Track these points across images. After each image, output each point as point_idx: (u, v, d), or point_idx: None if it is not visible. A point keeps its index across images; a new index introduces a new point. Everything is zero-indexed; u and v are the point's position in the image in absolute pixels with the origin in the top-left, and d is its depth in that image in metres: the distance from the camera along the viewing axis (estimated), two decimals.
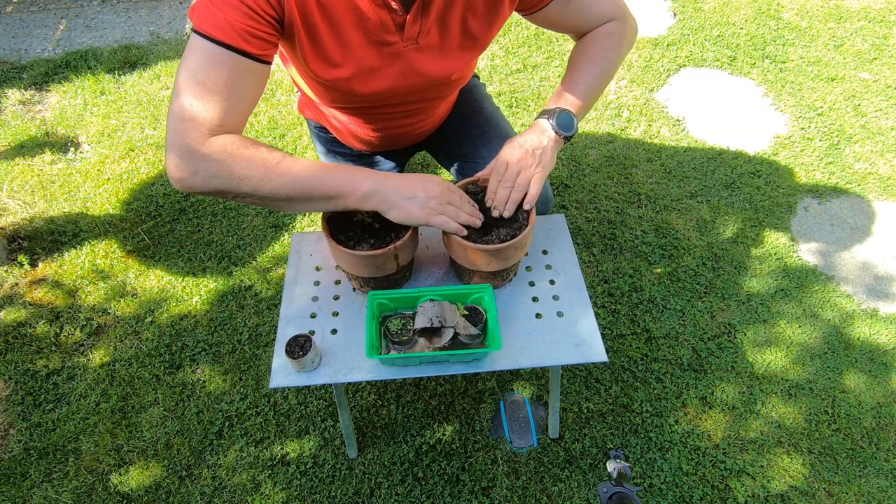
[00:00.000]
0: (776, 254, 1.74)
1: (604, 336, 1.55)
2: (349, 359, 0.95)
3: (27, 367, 1.52)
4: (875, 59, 2.34)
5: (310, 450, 1.37)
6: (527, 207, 0.93)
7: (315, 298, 1.03)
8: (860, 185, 1.92)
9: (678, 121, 2.15)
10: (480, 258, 0.91)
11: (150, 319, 1.61)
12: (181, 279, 1.70)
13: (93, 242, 1.79)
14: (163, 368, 1.51)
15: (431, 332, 0.93)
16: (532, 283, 1.05)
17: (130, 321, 1.61)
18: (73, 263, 1.74)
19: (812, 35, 2.47)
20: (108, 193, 1.93)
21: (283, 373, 0.93)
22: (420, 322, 0.90)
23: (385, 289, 0.98)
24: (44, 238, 1.81)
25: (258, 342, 1.56)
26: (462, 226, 0.88)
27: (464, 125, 1.25)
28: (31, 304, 1.65)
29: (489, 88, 2.27)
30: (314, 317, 1.01)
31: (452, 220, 0.86)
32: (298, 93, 1.26)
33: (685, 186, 1.93)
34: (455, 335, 0.92)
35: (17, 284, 1.69)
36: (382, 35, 0.84)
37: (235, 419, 1.42)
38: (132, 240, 1.81)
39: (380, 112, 1.04)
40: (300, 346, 0.90)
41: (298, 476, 1.33)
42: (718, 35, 2.48)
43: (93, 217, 1.87)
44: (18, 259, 1.74)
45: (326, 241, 0.93)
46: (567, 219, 1.55)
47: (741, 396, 1.46)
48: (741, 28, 2.51)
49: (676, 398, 1.45)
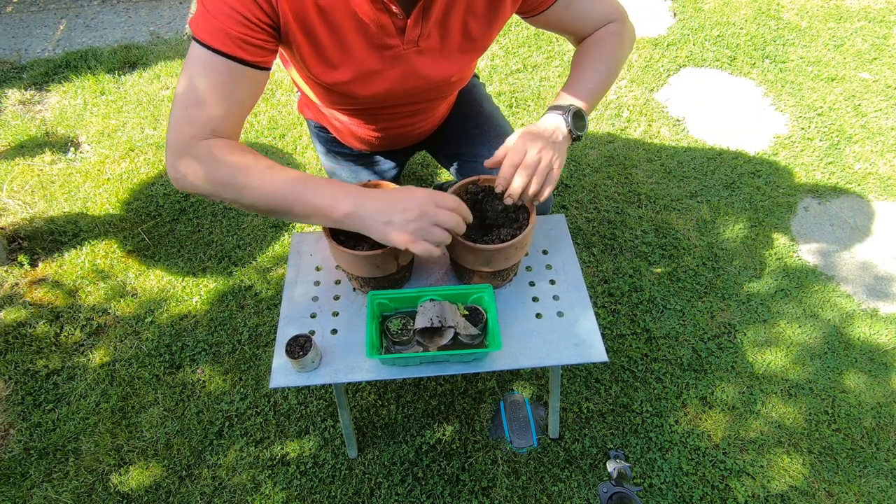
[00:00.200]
0: (776, 254, 1.74)
1: (604, 336, 1.55)
2: (349, 359, 0.95)
3: (27, 367, 1.52)
4: (875, 59, 2.34)
5: (310, 450, 1.37)
6: (545, 195, 0.88)
7: (315, 298, 1.03)
8: (860, 185, 1.92)
9: (678, 121, 2.15)
10: (480, 258, 0.91)
11: (150, 319, 1.61)
12: (181, 279, 1.70)
13: (93, 242, 1.79)
14: (163, 368, 1.51)
15: (432, 332, 0.93)
16: (532, 283, 1.05)
17: (130, 321, 1.61)
18: (73, 263, 1.74)
19: (812, 35, 2.47)
20: (108, 193, 1.93)
21: (284, 373, 0.93)
22: (420, 322, 0.90)
23: (385, 289, 0.98)
24: (44, 238, 1.81)
25: (258, 342, 1.56)
26: (459, 228, 0.84)
27: (463, 125, 1.25)
28: (31, 304, 1.65)
29: (489, 88, 2.27)
30: (314, 317, 1.01)
31: (434, 248, 0.79)
32: (298, 93, 1.26)
33: (685, 186, 1.93)
34: (455, 335, 0.92)
35: (17, 284, 1.69)
36: (383, 38, 0.85)
37: (235, 419, 1.42)
38: (132, 240, 1.81)
39: (380, 113, 1.04)
40: (300, 346, 0.90)
41: (298, 476, 1.33)
42: (718, 35, 2.48)
43: (93, 217, 1.87)
44: (18, 259, 1.74)
45: (326, 241, 0.93)
46: (567, 219, 1.55)
47: (741, 396, 1.46)
48: (741, 28, 2.51)
49: (676, 398, 1.45)
